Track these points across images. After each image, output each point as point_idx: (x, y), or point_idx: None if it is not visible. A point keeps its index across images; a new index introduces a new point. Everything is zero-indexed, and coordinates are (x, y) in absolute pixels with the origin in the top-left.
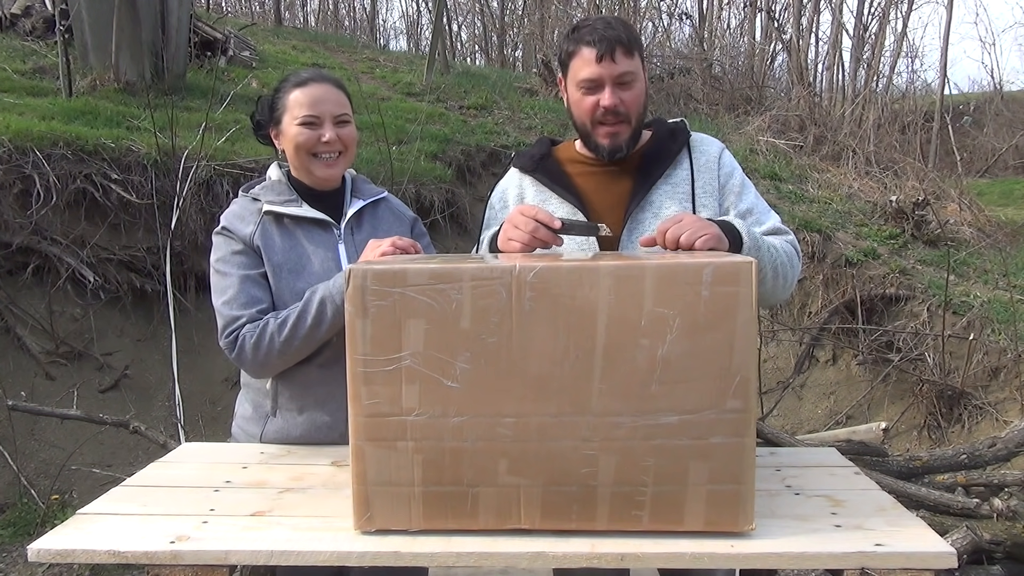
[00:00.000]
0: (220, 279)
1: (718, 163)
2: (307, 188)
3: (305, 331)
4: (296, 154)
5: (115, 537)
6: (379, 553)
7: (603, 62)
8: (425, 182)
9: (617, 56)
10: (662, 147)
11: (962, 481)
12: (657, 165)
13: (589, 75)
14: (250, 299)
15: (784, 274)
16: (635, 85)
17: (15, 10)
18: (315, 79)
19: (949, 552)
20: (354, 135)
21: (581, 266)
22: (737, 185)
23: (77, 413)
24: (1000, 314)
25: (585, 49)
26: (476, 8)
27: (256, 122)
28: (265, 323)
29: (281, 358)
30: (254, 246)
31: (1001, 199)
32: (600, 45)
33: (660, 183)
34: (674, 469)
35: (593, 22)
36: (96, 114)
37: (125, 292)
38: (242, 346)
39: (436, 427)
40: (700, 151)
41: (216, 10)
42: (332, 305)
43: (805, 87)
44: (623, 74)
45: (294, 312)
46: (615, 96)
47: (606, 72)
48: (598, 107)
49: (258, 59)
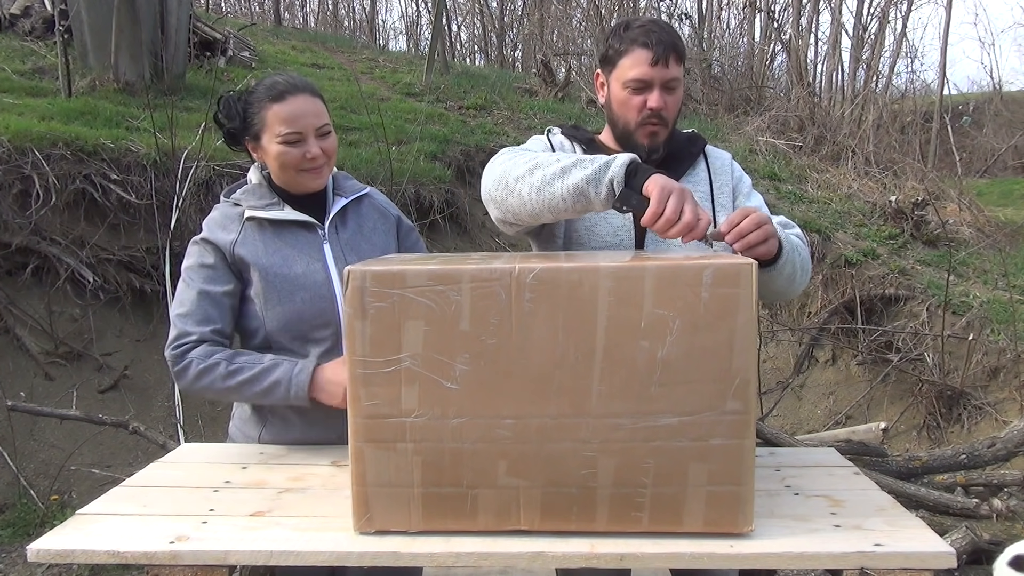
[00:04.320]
0: (182, 289)
1: (731, 168)
2: (287, 191)
3: (249, 395)
4: (282, 171)
5: (115, 537)
6: (378, 553)
7: (657, 66)
8: (424, 182)
9: (670, 62)
10: (682, 149)
11: (961, 481)
12: (679, 165)
13: (640, 75)
14: (205, 317)
15: (805, 268)
16: (678, 91)
17: (15, 10)
18: (290, 90)
19: (948, 552)
20: (335, 142)
21: (581, 267)
22: (746, 188)
23: (76, 413)
24: (999, 314)
25: (640, 50)
26: (476, 8)
27: (229, 132)
28: (216, 362)
29: (217, 396)
30: (235, 255)
31: (1000, 199)
32: (658, 48)
33: (683, 180)
34: (674, 470)
35: (648, 24)
36: (95, 114)
37: (124, 292)
38: (186, 368)
39: (435, 428)
40: (714, 156)
41: (215, 10)
42: (284, 391)
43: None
44: (672, 79)
45: (247, 370)
46: (662, 99)
47: (658, 75)
48: (644, 107)
49: (257, 59)
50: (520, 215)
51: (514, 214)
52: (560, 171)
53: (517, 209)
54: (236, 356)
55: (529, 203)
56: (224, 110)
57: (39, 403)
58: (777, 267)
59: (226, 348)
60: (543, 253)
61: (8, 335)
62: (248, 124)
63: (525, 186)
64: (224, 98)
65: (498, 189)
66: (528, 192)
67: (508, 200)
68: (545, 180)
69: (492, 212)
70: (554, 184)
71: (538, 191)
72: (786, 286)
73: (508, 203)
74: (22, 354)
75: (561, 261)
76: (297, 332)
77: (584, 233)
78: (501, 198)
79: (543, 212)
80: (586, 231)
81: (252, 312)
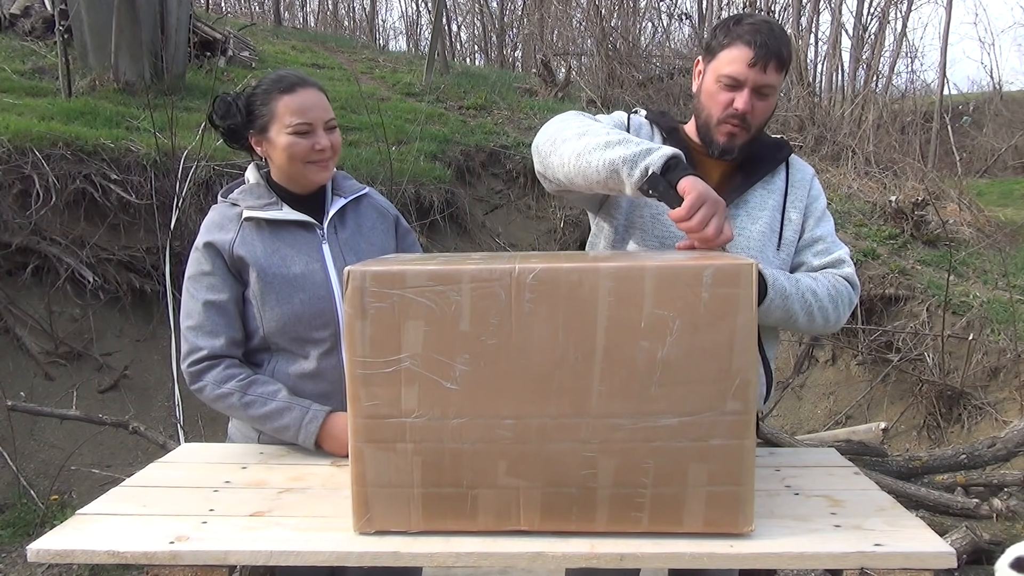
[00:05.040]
0: (187, 300)
1: (810, 185)
2: (287, 190)
3: (260, 426)
4: (290, 163)
5: (114, 537)
6: (378, 553)
7: (755, 67)
8: (424, 182)
9: (769, 67)
10: (766, 153)
11: (961, 481)
12: (760, 168)
13: (735, 73)
14: (214, 329)
15: (825, 316)
16: (771, 98)
17: (14, 10)
18: (300, 84)
19: (948, 552)
20: (340, 139)
21: (581, 267)
22: (819, 211)
23: (76, 413)
24: (999, 314)
25: (743, 47)
26: (476, 8)
27: (229, 128)
28: (230, 392)
29: (232, 416)
30: (234, 255)
31: (1001, 199)
32: (760, 50)
33: (759, 186)
34: (674, 471)
35: (759, 23)
36: (95, 114)
37: (124, 292)
38: (201, 390)
39: (435, 429)
40: (796, 168)
41: (215, 10)
42: (293, 435)
43: (804, 87)
44: (766, 85)
45: (259, 406)
46: (750, 102)
47: (752, 77)
48: (730, 106)
49: (257, 59)
50: (557, 175)
51: (553, 171)
52: (604, 144)
53: (556, 168)
54: (249, 387)
55: (567, 165)
56: (220, 109)
57: (39, 403)
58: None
59: (241, 370)
60: (543, 253)
61: (8, 335)
62: (254, 117)
63: (569, 148)
64: (219, 97)
65: (546, 144)
66: (569, 155)
67: (551, 157)
68: (588, 148)
69: (535, 163)
70: (594, 154)
71: (578, 156)
72: (782, 324)
73: (550, 160)
74: (22, 354)
75: (561, 261)
76: (295, 333)
77: (649, 220)
78: (546, 153)
79: (576, 178)
80: (652, 218)
81: (250, 313)
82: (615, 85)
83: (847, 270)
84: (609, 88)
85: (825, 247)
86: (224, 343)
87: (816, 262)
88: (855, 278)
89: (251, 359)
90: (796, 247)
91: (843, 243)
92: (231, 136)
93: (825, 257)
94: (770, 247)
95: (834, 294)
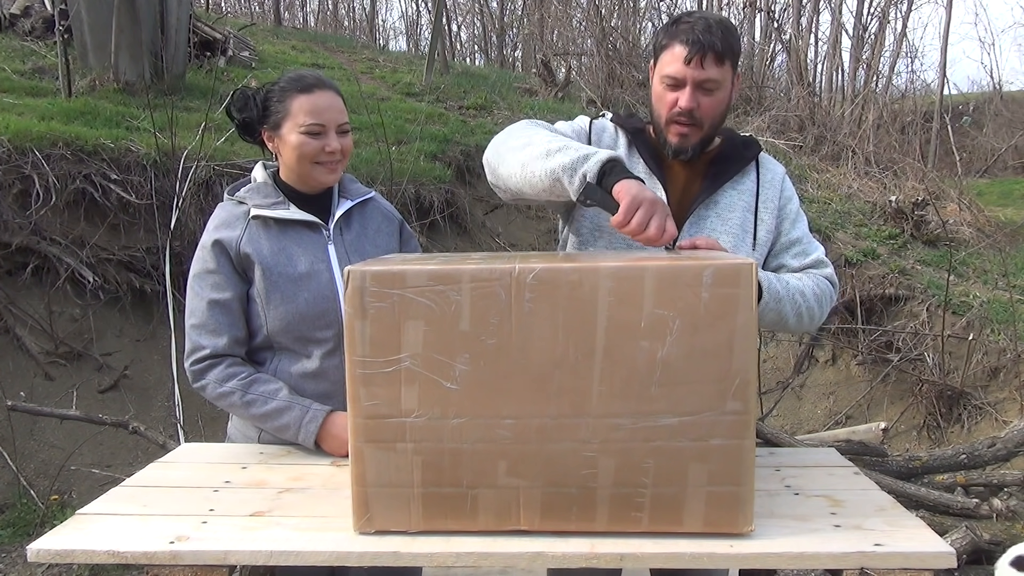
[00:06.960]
0: (191, 298)
1: (782, 184)
2: (294, 189)
3: (261, 425)
4: (299, 162)
5: (114, 537)
6: (379, 553)
7: (691, 64)
8: (424, 182)
9: (706, 62)
10: (735, 153)
11: (961, 481)
12: (728, 168)
13: (673, 72)
14: (217, 328)
15: (811, 316)
16: (717, 93)
17: (15, 10)
18: (318, 85)
19: (948, 552)
20: (351, 144)
21: (581, 267)
22: (793, 212)
23: (76, 413)
24: (999, 314)
25: (678, 46)
26: (476, 8)
27: (244, 122)
28: (232, 391)
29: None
30: (240, 252)
31: (1001, 199)
32: (694, 47)
33: (728, 186)
34: (674, 471)
35: (694, 21)
36: (95, 114)
37: (124, 292)
38: (203, 388)
39: (435, 429)
40: (767, 168)
41: (215, 10)
42: (293, 435)
43: (804, 87)
44: (707, 80)
45: (260, 405)
46: (694, 99)
47: (691, 74)
48: (675, 105)
49: (257, 59)
50: (509, 185)
51: (504, 182)
52: (545, 152)
53: (506, 179)
54: (251, 386)
55: (515, 176)
56: (239, 102)
57: (39, 403)
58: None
59: (243, 368)
60: (543, 253)
61: (8, 335)
62: (269, 113)
63: (514, 159)
64: (238, 90)
65: (494, 156)
66: (515, 165)
67: (499, 169)
68: (531, 158)
69: (487, 175)
70: (536, 164)
71: (523, 167)
72: (772, 326)
73: (499, 171)
74: (22, 354)
75: (561, 261)
76: (299, 333)
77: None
78: (495, 164)
79: (525, 188)
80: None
81: (254, 312)
82: (615, 85)
83: (827, 270)
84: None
85: (803, 248)
86: (227, 342)
87: (796, 264)
88: (835, 277)
89: (254, 358)
90: (772, 249)
91: (818, 242)
92: (245, 129)
93: (804, 259)
94: (743, 248)
95: (819, 293)
